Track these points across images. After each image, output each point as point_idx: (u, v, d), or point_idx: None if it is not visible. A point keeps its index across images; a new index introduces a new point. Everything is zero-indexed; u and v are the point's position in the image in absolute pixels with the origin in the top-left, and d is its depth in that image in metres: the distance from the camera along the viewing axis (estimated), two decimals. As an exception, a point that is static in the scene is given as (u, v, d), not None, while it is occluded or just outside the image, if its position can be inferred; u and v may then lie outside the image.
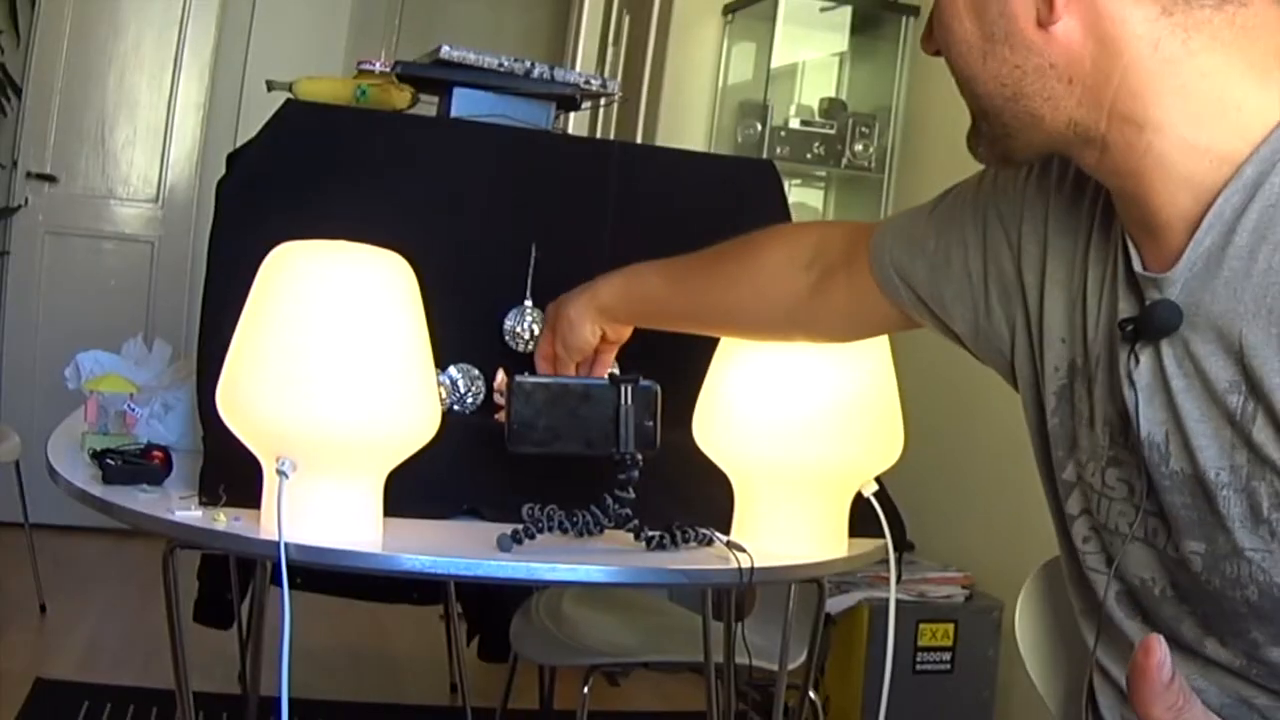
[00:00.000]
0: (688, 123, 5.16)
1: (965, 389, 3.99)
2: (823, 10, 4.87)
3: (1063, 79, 1.18)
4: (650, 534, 1.98)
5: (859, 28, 5.00)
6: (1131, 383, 1.20)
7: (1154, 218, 1.18)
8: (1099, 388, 1.29)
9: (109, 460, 2.05)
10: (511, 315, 2.34)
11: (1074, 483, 1.35)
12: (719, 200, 2.59)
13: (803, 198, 5.00)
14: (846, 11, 4.90)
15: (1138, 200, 1.19)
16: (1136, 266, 1.21)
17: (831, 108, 4.94)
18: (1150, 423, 1.18)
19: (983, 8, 1.20)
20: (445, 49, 2.53)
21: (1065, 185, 1.39)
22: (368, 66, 2.67)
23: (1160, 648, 0.99)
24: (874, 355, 2.04)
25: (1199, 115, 1.14)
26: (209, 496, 1.95)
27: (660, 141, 5.01)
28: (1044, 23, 1.16)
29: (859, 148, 4.84)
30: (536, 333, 2.33)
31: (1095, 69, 1.16)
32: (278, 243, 1.84)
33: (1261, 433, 1.09)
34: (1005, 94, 1.21)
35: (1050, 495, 1.41)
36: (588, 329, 2.03)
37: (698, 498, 2.09)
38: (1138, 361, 1.20)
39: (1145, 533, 1.23)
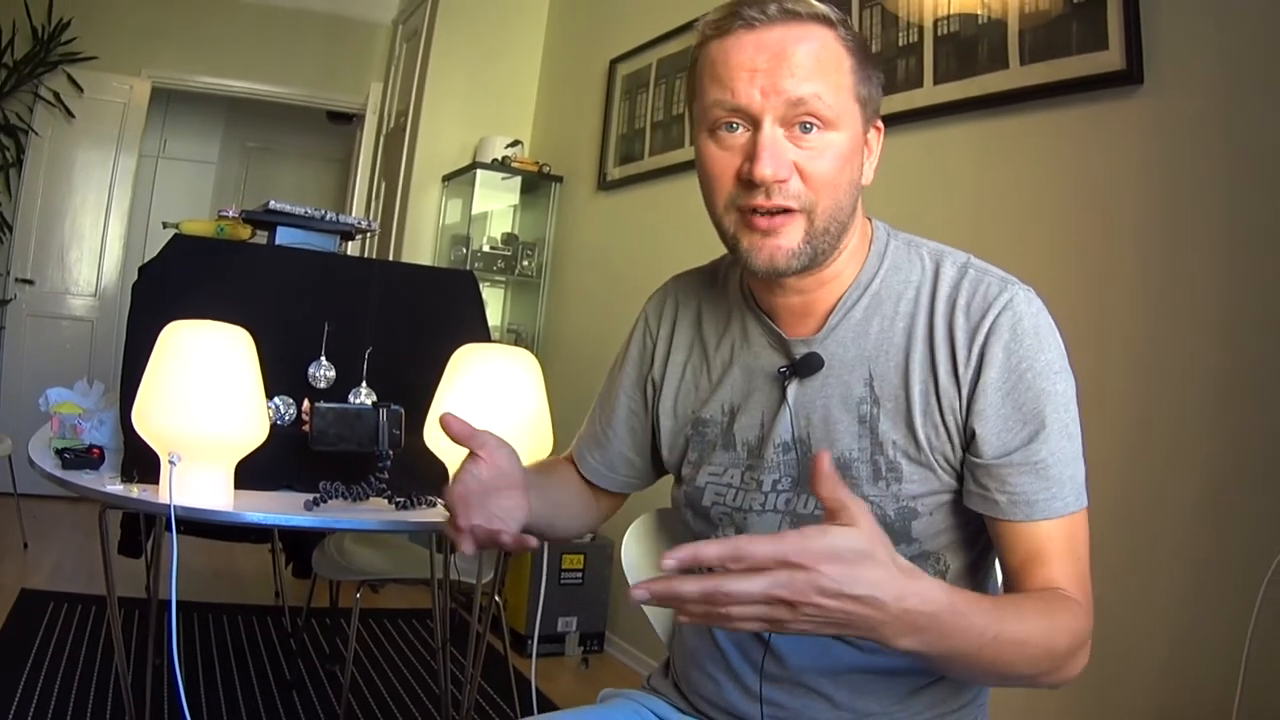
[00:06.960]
0: (420, 247, 5.08)
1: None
2: (503, 179, 4.82)
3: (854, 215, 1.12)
4: (398, 500, 2.03)
5: (526, 189, 4.98)
6: (789, 404, 1.15)
7: (812, 307, 1.16)
8: (738, 423, 1.20)
9: (66, 454, 2.02)
10: (313, 366, 2.32)
11: (704, 485, 1.22)
12: (439, 295, 2.60)
13: (491, 295, 4.91)
14: (518, 180, 4.87)
15: (808, 297, 1.15)
16: (784, 335, 1.17)
17: (509, 239, 4.93)
18: (800, 428, 1.15)
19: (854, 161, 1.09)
20: (272, 202, 2.52)
21: (690, 312, 1.30)
22: (225, 213, 2.62)
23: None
24: (533, 391, 2.06)
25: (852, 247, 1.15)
26: (127, 477, 1.94)
27: (404, 259, 4.95)
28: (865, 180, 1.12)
29: (526, 263, 4.81)
30: (329, 376, 2.31)
31: (858, 211, 1.14)
32: (169, 321, 1.84)
33: (884, 424, 1.10)
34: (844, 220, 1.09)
35: (691, 495, 1.24)
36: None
37: (426, 478, 2.10)
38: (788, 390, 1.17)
39: (775, 505, 1.15)
